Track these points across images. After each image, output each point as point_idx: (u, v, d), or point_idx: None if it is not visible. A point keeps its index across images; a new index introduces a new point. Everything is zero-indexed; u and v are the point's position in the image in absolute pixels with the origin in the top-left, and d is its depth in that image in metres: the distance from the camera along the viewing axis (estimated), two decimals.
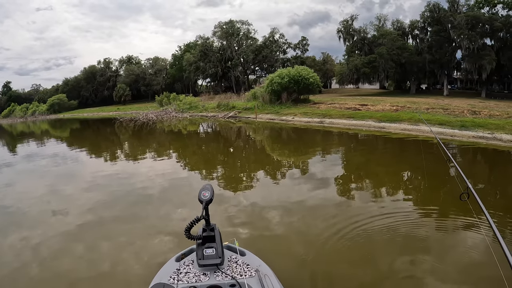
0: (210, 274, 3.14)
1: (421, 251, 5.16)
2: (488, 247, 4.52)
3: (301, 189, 8.86)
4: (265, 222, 6.60)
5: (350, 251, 5.25)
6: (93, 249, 5.64)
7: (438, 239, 5.62)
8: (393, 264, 4.86)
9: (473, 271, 4.60)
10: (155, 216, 7.08)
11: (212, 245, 3.33)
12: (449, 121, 18.01)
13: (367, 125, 20.59)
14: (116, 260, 5.26)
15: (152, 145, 19.65)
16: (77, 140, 25.80)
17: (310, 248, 5.41)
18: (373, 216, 6.51)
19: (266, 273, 3.18)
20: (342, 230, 5.88)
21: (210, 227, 3.42)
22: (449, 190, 8.00)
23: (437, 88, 48.89)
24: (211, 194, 3.41)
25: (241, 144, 18.34)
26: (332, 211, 7.06)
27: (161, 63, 71.76)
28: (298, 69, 31.40)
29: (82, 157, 16.50)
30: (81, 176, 11.70)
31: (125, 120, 35.26)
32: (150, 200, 8.23)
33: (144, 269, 4.85)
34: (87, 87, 73.87)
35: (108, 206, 7.90)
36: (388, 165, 12.06)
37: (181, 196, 8.63)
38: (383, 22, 45.97)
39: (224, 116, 32.58)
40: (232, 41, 57.18)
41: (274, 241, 5.80)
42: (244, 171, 12.07)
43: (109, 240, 5.99)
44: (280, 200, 7.95)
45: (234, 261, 3.41)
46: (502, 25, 34.03)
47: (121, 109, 57.39)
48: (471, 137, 15.67)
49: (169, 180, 10.33)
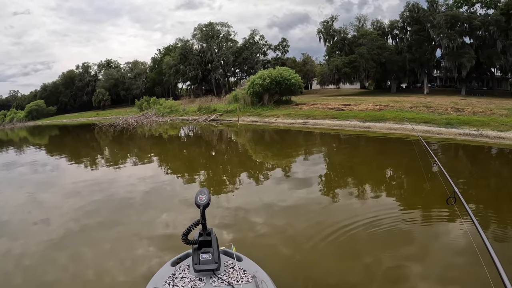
0: (206, 280, 3.08)
1: (409, 251, 5.15)
2: (471, 244, 4.51)
3: (294, 192, 8.45)
4: (249, 224, 6.56)
5: (338, 252, 5.23)
6: (77, 258, 5.48)
7: (422, 239, 5.60)
8: (390, 267, 4.78)
9: (457, 272, 4.55)
10: (138, 222, 6.93)
11: (209, 250, 3.27)
12: (434, 119, 17.84)
13: (352, 125, 20.28)
14: (100, 268, 5.13)
15: (133, 151, 19.16)
16: (57, 147, 24.98)
17: (296, 250, 5.35)
18: (367, 218, 6.36)
19: (263, 279, 3.10)
20: (329, 233, 5.78)
21: (206, 232, 3.36)
22: (436, 192, 7.60)
23: (417, 86, 49.17)
24: (208, 198, 3.39)
25: (224, 147, 17.82)
26: (326, 214, 6.79)
27: (141, 66, 70.15)
28: (280, 70, 31.00)
29: (62, 164, 16.01)
30: (61, 183, 11.41)
31: (104, 126, 34.22)
32: (133, 206, 8.05)
33: (128, 277, 4.79)
34: (66, 93, 71.65)
35: (90, 213, 7.67)
36: (379, 166, 11.68)
37: (164, 201, 8.45)
38: (363, 22, 46.13)
39: (206, 120, 31.90)
40: (212, 43, 56.41)
41: (258, 243, 5.70)
42: (227, 174, 11.58)
43: (93, 248, 5.83)
44: (265, 201, 7.84)
45: (230, 266, 3.32)
46: (480, 23, 34.38)
47: (101, 114, 55.97)
48: (457, 134, 15.49)
49: (151, 185, 10.10)
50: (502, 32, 34.14)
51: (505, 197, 7.69)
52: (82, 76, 72.17)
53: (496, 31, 34.07)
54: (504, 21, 33.60)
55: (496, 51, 34.50)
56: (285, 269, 4.76)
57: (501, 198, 7.58)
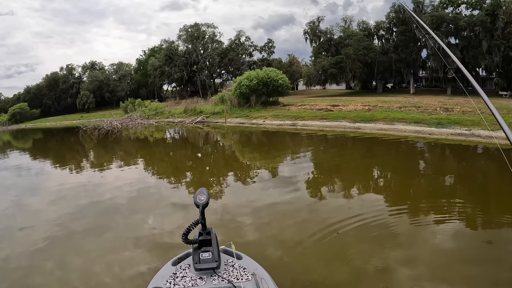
0: (207, 278, 3.11)
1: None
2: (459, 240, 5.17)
3: (292, 197, 8.02)
4: (236, 224, 6.55)
5: (330, 252, 5.21)
6: (64, 264, 5.35)
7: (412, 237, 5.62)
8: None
9: (446, 270, 4.52)
10: (124, 226, 6.83)
11: (209, 249, 3.30)
12: (425, 119, 17.65)
13: (341, 126, 19.98)
14: (87, 274, 5.00)
15: (118, 154, 18.66)
16: (41, 151, 24.25)
17: (283, 250, 5.33)
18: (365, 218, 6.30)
19: (263, 277, 3.12)
20: (320, 234, 5.72)
21: (206, 231, 3.38)
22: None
23: (403, 86, 49.43)
24: (207, 198, 3.40)
25: (212, 150, 17.34)
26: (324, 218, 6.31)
27: (126, 68, 68.78)
28: (267, 71, 30.63)
29: (47, 168, 15.61)
30: (46, 188, 11.10)
31: (88, 129, 33.32)
32: (119, 210, 7.93)
33: (116, 281, 4.74)
34: (50, 95, 69.78)
35: (76, 218, 7.47)
36: (380, 170, 11.35)
37: (150, 205, 8.26)
38: (349, 23, 46.11)
39: (192, 122, 31.31)
40: (197, 44, 55.79)
41: (247, 244, 5.53)
42: (215, 177, 11.08)
43: (79, 253, 5.68)
44: (253, 203, 7.79)
45: (230, 265, 3.35)
46: (466, 24, 34.67)
47: (85, 117, 54.67)
48: (449, 134, 15.31)
49: (137, 188, 9.91)
50: (487, 32, 34.47)
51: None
52: (66, 78, 70.41)
53: (481, 31, 34.38)
54: (489, 21, 33.93)
55: (482, 51, 34.82)
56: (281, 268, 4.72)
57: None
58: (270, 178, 10.30)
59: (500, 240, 5.32)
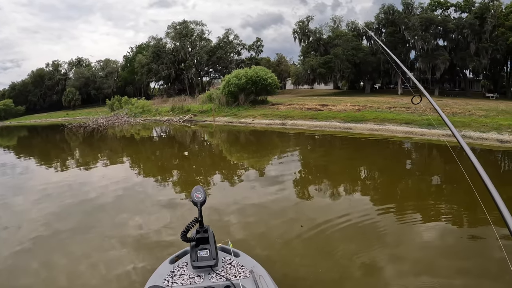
0: (205, 276, 3.10)
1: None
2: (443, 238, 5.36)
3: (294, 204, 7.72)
4: (222, 223, 6.46)
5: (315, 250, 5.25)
6: (49, 265, 5.24)
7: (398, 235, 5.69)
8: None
9: (430, 267, 4.57)
10: (111, 225, 6.73)
11: (206, 247, 3.28)
12: (415, 119, 17.53)
13: (332, 126, 19.73)
14: (73, 274, 4.91)
15: (104, 152, 18.15)
16: (26, 148, 23.40)
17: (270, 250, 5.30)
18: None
19: (261, 274, 3.12)
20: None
21: (203, 229, 3.35)
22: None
23: (391, 87, 49.67)
24: (204, 196, 3.38)
25: (201, 150, 16.96)
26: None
27: (112, 65, 67.40)
28: (256, 70, 30.27)
29: (31, 166, 15.08)
30: (31, 187, 10.79)
31: (74, 127, 32.45)
32: (105, 209, 7.79)
33: (102, 281, 4.65)
34: (35, 92, 68.01)
35: (61, 218, 7.33)
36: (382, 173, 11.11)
37: (136, 204, 8.13)
38: (338, 23, 46.16)
39: (179, 120, 30.75)
40: (185, 42, 55.10)
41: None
42: (203, 176, 10.71)
43: (65, 254, 5.55)
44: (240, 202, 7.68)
45: (228, 262, 3.34)
46: (455, 26, 34.92)
47: (71, 114, 53.42)
48: (441, 135, 15.14)
49: (123, 187, 9.75)
50: (475, 35, 34.81)
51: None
52: (52, 74, 68.76)
53: (470, 34, 34.67)
54: (478, 24, 34.20)
55: (470, 53, 35.14)
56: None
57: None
58: (260, 178, 9.98)
59: (485, 236, 5.41)
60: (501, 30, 33.82)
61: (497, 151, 13.43)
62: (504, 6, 35.70)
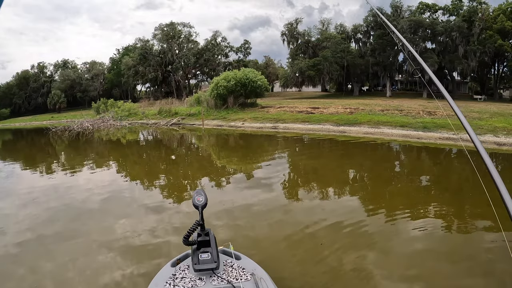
0: (206, 279, 3.12)
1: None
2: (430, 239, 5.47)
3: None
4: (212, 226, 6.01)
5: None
6: (35, 270, 5.12)
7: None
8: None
9: (420, 269, 4.61)
10: (97, 230, 6.61)
11: (207, 250, 3.30)
12: (410, 122, 17.28)
13: (325, 129, 19.32)
14: (60, 280, 4.82)
15: (90, 156, 17.52)
16: (10, 152, 22.60)
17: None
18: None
19: (262, 277, 3.13)
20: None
21: (205, 232, 3.37)
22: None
23: (379, 89, 49.79)
24: (205, 199, 3.42)
25: (192, 158, 16.36)
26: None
27: (99, 67, 66.05)
28: (245, 72, 29.75)
29: (16, 171, 14.63)
30: (16, 191, 10.50)
31: (58, 130, 31.48)
32: (91, 213, 7.63)
33: (89, 286, 4.58)
34: (20, 94, 66.14)
35: (47, 222, 7.19)
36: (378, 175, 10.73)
37: (123, 208, 8.00)
38: (326, 26, 46.04)
39: (167, 123, 29.99)
40: (173, 44, 54.30)
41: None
42: (194, 185, 10.19)
43: (52, 259, 5.46)
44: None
45: (229, 265, 3.36)
46: (443, 29, 35.06)
47: (56, 117, 52.03)
48: (438, 138, 14.93)
49: (109, 191, 9.59)
50: (464, 38, 35.01)
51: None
52: (37, 76, 67.12)
53: (458, 36, 34.86)
54: (466, 27, 34.42)
55: (458, 56, 35.33)
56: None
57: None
58: (272, 189, 9.35)
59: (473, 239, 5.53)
60: (489, 33, 34.07)
61: (499, 153, 13.12)
62: (492, 9, 36.04)
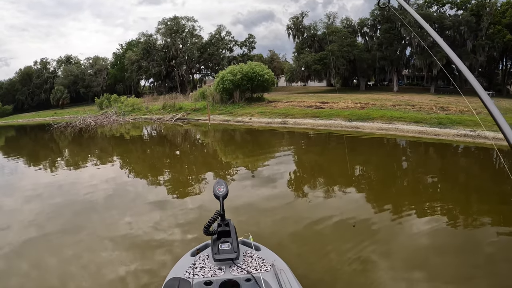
0: (226, 269, 3.09)
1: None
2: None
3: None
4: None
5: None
6: (40, 266, 5.16)
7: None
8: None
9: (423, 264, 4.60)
10: (101, 225, 6.68)
11: (228, 240, 3.30)
12: (424, 118, 16.92)
13: (337, 124, 18.92)
14: (64, 275, 4.82)
15: (94, 152, 17.39)
16: (14, 149, 22.49)
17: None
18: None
19: (282, 268, 3.11)
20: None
21: (225, 222, 3.37)
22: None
23: (385, 84, 49.35)
24: (226, 189, 3.41)
25: (204, 160, 16.04)
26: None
27: (102, 62, 65.58)
28: (252, 65, 29.25)
29: (20, 167, 14.70)
30: (20, 187, 10.52)
31: (60, 126, 31.10)
32: (95, 209, 7.70)
33: (93, 282, 4.59)
34: (23, 90, 65.89)
35: (51, 218, 7.23)
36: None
37: (126, 203, 8.06)
38: (332, 19, 45.52)
39: (171, 119, 29.57)
40: (176, 38, 53.76)
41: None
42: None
43: (56, 254, 5.47)
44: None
45: (249, 256, 3.34)
46: (451, 23, 34.63)
47: (59, 113, 51.77)
48: (455, 135, 14.58)
49: (113, 187, 9.72)
50: (472, 32, 34.56)
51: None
52: (40, 72, 66.79)
53: (466, 31, 34.41)
54: (474, 22, 33.97)
55: (466, 50, 34.89)
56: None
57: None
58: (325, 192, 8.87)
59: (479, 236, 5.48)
60: (497, 28, 33.59)
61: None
62: (500, 3, 35.55)
